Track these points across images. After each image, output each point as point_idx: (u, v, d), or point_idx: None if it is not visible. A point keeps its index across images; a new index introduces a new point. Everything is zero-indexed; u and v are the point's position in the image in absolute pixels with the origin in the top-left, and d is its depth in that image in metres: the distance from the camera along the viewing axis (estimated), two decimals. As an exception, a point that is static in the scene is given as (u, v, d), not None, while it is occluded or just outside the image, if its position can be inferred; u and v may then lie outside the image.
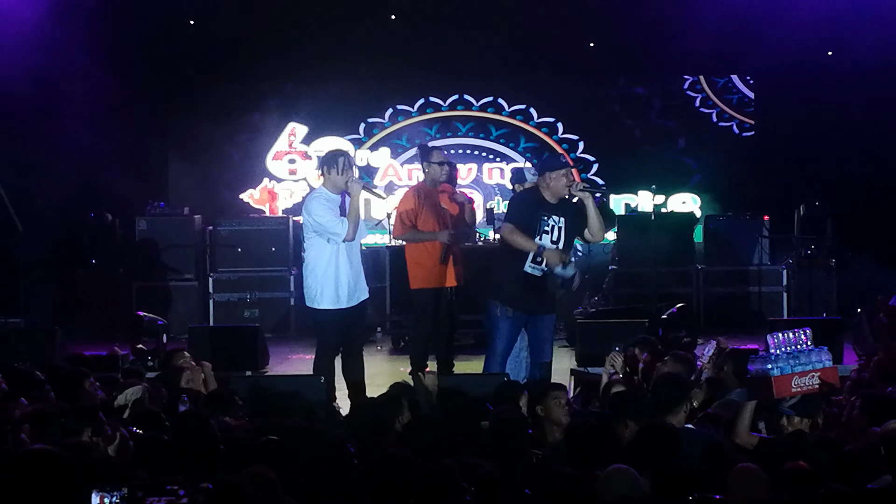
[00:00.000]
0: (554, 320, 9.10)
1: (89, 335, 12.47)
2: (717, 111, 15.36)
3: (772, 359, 6.65)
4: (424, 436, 5.98)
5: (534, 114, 15.47)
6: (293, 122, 15.35)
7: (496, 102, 15.50)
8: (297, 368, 11.02)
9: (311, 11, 14.67)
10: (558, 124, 15.45)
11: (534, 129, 15.45)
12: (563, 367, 10.26)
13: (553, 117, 15.47)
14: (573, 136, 15.45)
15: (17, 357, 8.89)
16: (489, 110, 15.50)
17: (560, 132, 15.45)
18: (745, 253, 13.85)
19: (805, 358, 6.67)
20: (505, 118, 15.49)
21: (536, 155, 15.07)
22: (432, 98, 15.50)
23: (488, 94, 15.46)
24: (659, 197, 14.77)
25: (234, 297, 13.78)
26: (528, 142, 15.45)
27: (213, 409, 6.95)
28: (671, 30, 14.17)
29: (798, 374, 6.62)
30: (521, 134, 15.48)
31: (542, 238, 8.68)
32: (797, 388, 6.60)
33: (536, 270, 8.69)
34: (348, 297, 8.88)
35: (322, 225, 8.77)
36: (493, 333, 8.88)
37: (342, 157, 8.94)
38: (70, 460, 3.84)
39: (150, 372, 9.65)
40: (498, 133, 15.50)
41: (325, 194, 8.86)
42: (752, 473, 5.29)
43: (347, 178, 8.77)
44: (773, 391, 6.58)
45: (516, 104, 15.48)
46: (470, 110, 15.52)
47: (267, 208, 15.27)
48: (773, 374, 6.60)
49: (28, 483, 3.77)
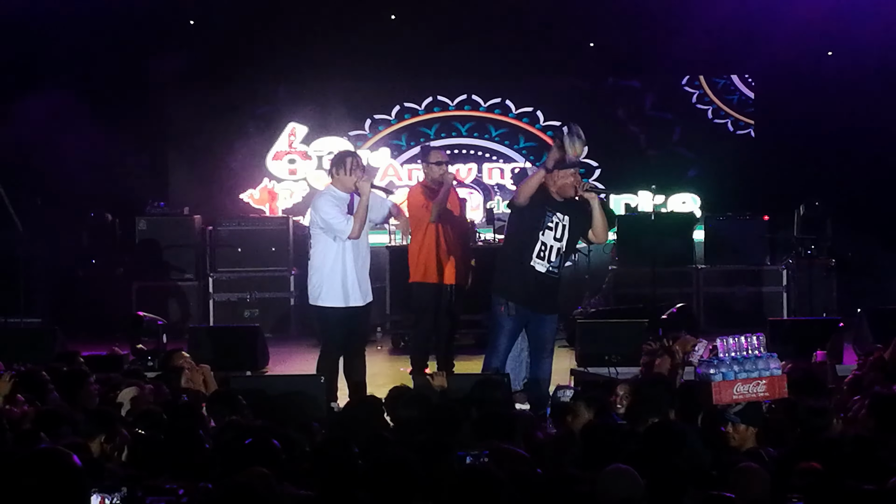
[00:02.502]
0: (556, 322, 9.07)
1: (89, 335, 12.46)
2: (714, 108, 15.38)
3: (715, 363, 6.50)
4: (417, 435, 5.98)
5: (540, 116, 15.47)
6: (293, 122, 15.35)
7: (503, 104, 15.51)
8: (297, 368, 11.01)
9: (311, 11, 14.67)
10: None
11: (538, 132, 15.45)
12: (563, 367, 10.25)
13: (558, 121, 15.45)
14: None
15: (17, 357, 8.88)
16: (496, 111, 15.50)
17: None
18: (745, 253, 13.84)
19: (751, 364, 6.48)
20: (504, 117, 15.49)
21: (536, 154, 15.09)
22: (440, 97, 15.51)
23: (496, 95, 15.47)
24: (659, 197, 14.78)
25: (234, 297, 13.79)
26: (527, 141, 15.45)
27: (219, 408, 6.96)
28: (671, 30, 14.17)
29: (741, 380, 6.44)
30: (520, 133, 15.49)
31: (545, 234, 8.68)
32: (739, 395, 6.40)
33: (541, 266, 8.69)
34: (353, 297, 8.89)
35: (328, 222, 8.80)
36: (496, 331, 8.86)
37: (350, 157, 8.98)
38: (74, 461, 3.84)
39: (150, 372, 9.65)
40: (498, 133, 15.50)
41: (334, 192, 8.89)
42: (753, 472, 5.28)
43: (356, 178, 8.80)
44: (711, 397, 6.40)
45: (523, 106, 15.48)
46: (477, 111, 15.52)
47: (267, 208, 15.27)
48: (714, 379, 6.43)
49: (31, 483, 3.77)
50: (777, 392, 6.57)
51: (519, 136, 15.47)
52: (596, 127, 15.33)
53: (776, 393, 6.57)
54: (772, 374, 6.52)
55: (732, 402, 6.42)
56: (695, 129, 15.37)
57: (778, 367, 6.57)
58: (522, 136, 15.47)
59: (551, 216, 8.68)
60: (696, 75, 15.34)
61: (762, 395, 6.49)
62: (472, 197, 15.11)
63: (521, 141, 15.45)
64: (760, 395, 6.48)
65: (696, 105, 15.40)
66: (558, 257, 8.74)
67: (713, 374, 6.45)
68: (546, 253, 8.68)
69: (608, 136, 15.29)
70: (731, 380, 6.44)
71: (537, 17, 14.85)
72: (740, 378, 6.45)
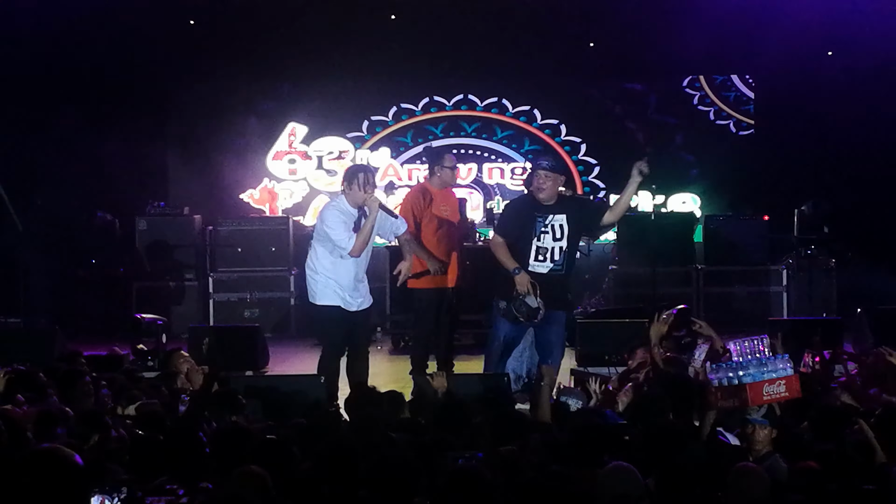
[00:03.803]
0: (564, 318, 9.00)
1: (89, 335, 12.46)
2: (715, 109, 15.38)
3: (744, 365, 6.46)
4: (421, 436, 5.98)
5: (537, 115, 15.47)
6: (293, 121, 15.35)
7: (500, 103, 15.51)
8: (297, 368, 11.01)
9: (311, 11, 14.67)
10: (561, 126, 15.46)
11: (536, 131, 15.45)
12: (563, 366, 10.23)
13: (556, 119, 15.47)
14: (576, 139, 15.46)
15: (17, 357, 8.88)
16: (493, 111, 15.51)
17: (563, 134, 15.46)
18: (745, 253, 13.84)
19: (772, 366, 6.47)
20: (510, 119, 15.50)
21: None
22: (437, 97, 15.51)
23: (493, 94, 15.47)
24: (659, 197, 14.77)
25: (234, 297, 13.79)
26: (532, 144, 15.46)
27: (220, 409, 6.95)
28: (671, 30, 14.17)
29: (768, 381, 6.43)
30: (525, 136, 15.49)
31: (542, 239, 8.69)
32: (768, 396, 6.39)
33: (541, 268, 8.69)
34: (352, 298, 8.88)
35: (331, 236, 8.78)
36: (494, 332, 8.88)
37: (362, 172, 8.90)
38: (76, 461, 3.84)
39: (150, 372, 9.65)
40: (503, 134, 15.50)
41: (343, 206, 8.84)
42: (752, 473, 5.28)
43: (367, 195, 8.76)
44: (748, 399, 6.36)
45: (520, 105, 15.48)
46: (474, 110, 15.53)
47: (267, 208, 15.27)
48: (745, 381, 6.39)
49: (33, 482, 3.77)
50: (794, 392, 6.57)
51: (524, 139, 15.47)
52: (596, 127, 15.43)
53: (793, 393, 6.56)
54: (787, 374, 6.51)
55: (763, 404, 6.41)
56: (697, 132, 15.37)
57: (791, 367, 6.56)
58: (528, 139, 15.47)
59: (543, 221, 8.69)
60: (697, 76, 15.34)
61: (783, 395, 6.48)
62: (472, 197, 15.12)
63: (527, 144, 15.45)
64: (782, 395, 6.47)
65: (697, 107, 15.40)
66: (562, 255, 8.74)
67: (743, 377, 6.41)
68: (547, 255, 8.69)
69: (608, 136, 15.32)
70: (760, 381, 6.43)
71: (537, 17, 14.84)
72: (767, 379, 6.44)
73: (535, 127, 15.47)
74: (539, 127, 15.47)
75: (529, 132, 15.48)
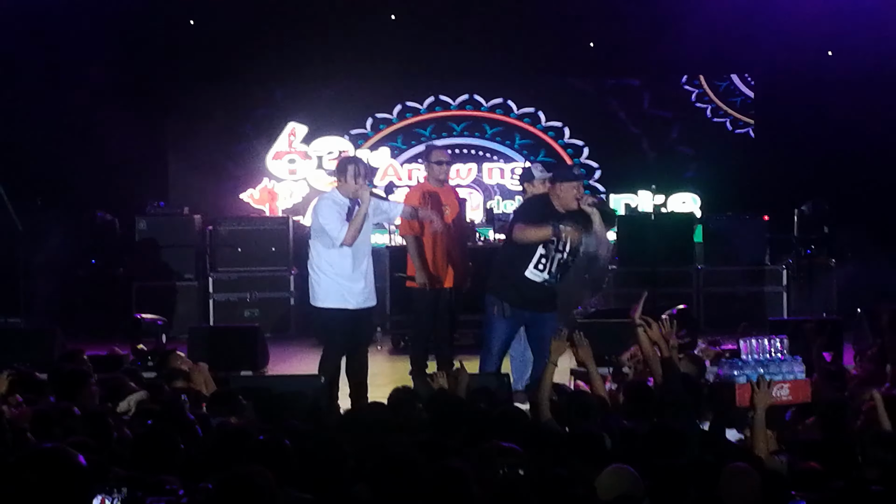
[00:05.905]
0: (555, 318, 9.02)
1: (89, 335, 12.45)
2: (713, 107, 15.39)
3: (751, 364, 6.36)
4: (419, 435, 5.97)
5: (542, 117, 15.47)
6: (293, 121, 15.35)
7: (505, 104, 15.51)
8: (297, 368, 11.01)
9: (311, 10, 14.67)
10: (565, 129, 15.46)
11: (539, 132, 15.45)
12: (563, 367, 10.18)
13: (560, 121, 15.47)
14: (578, 142, 15.45)
15: (17, 357, 8.87)
16: (497, 111, 15.51)
17: (566, 136, 15.46)
18: (745, 253, 13.84)
19: (776, 367, 6.36)
20: (503, 117, 15.50)
21: (533, 152, 15.11)
22: (442, 97, 15.51)
23: (498, 95, 15.47)
24: (659, 197, 14.78)
25: (234, 297, 13.78)
26: (523, 139, 15.45)
27: (219, 409, 6.95)
28: (671, 29, 14.18)
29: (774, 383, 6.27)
30: (516, 132, 15.49)
31: (548, 247, 8.68)
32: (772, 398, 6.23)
33: (538, 277, 8.69)
34: (355, 299, 8.89)
35: (323, 226, 8.81)
36: (489, 333, 8.89)
37: (352, 164, 8.96)
38: (79, 460, 3.84)
39: (149, 372, 9.64)
40: (493, 131, 15.50)
41: (336, 197, 8.90)
42: (744, 472, 5.27)
43: (357, 185, 8.80)
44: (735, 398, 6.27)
45: (525, 107, 15.48)
46: (479, 110, 15.53)
47: (267, 208, 15.28)
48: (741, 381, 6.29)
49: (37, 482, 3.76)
50: (801, 397, 6.45)
51: (515, 134, 15.47)
52: (596, 127, 15.43)
53: (800, 397, 6.45)
54: (796, 377, 6.41)
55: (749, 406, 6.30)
56: (694, 128, 15.39)
57: (802, 371, 6.45)
58: (518, 134, 15.46)
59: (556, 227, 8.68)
60: (696, 75, 15.35)
61: (785, 398, 6.38)
62: (472, 197, 15.12)
63: (517, 139, 15.45)
64: (784, 398, 6.37)
65: (695, 104, 15.41)
66: (559, 268, 8.74)
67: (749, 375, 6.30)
68: (547, 265, 8.69)
69: (608, 135, 15.32)
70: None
71: (538, 17, 14.84)
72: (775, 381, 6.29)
73: (540, 128, 15.47)
74: (543, 129, 15.47)
75: (519, 127, 15.46)
